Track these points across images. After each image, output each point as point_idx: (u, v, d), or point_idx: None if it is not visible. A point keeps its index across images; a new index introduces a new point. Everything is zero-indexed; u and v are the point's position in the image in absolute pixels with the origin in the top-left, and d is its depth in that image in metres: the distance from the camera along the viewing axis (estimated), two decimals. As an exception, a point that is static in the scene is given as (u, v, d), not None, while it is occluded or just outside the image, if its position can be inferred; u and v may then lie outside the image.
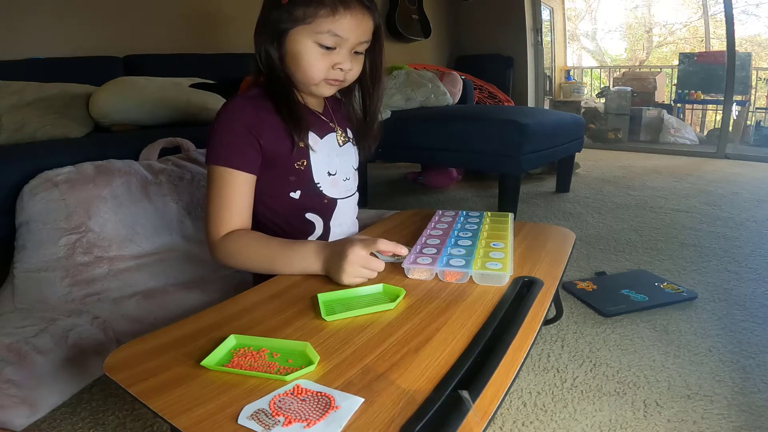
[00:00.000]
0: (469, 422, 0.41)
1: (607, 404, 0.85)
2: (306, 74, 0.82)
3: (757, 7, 4.95)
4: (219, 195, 0.80)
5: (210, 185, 0.81)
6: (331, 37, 0.78)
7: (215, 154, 0.80)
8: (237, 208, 0.81)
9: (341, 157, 0.92)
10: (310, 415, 0.42)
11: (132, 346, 0.54)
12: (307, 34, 0.78)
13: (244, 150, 0.81)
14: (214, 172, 0.81)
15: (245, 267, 0.81)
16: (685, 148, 4.03)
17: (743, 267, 1.46)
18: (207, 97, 1.86)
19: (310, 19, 0.77)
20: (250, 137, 0.80)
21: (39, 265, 1.12)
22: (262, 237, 0.81)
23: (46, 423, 0.81)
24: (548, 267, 0.75)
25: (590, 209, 2.13)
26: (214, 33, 2.63)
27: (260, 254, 0.79)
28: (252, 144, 0.81)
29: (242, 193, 0.81)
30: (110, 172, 1.25)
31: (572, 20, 6.61)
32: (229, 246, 0.79)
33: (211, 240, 0.81)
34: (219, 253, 0.80)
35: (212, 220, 0.81)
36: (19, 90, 1.61)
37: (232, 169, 0.80)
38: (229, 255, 0.80)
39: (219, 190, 0.80)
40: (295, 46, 0.80)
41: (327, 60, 0.80)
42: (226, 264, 0.81)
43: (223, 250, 0.80)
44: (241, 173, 0.80)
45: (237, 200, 0.81)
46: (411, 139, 2.14)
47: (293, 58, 0.81)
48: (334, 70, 0.81)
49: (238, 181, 0.80)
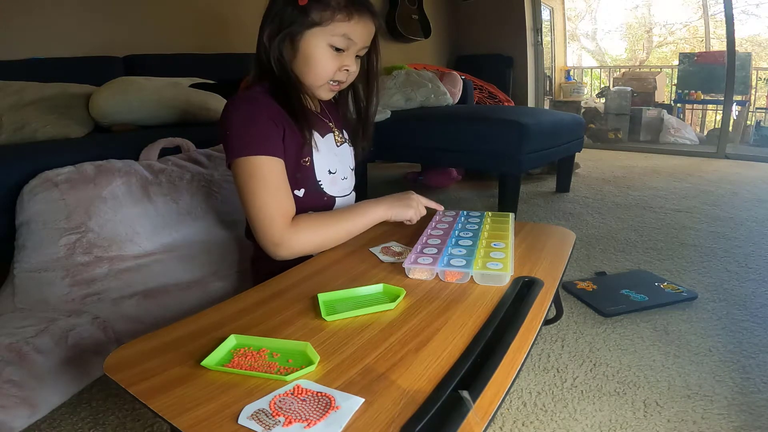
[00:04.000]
0: (470, 422, 0.41)
1: (607, 404, 0.85)
2: (315, 74, 0.83)
3: (757, 7, 4.96)
4: (266, 186, 0.77)
5: (250, 180, 0.77)
6: (344, 40, 0.81)
7: (244, 146, 0.77)
8: (288, 194, 0.80)
9: (339, 157, 0.94)
10: (311, 415, 0.42)
11: (132, 346, 0.54)
12: (321, 36, 0.80)
13: (273, 138, 0.80)
14: (249, 164, 0.77)
15: (324, 244, 0.82)
16: (685, 148, 4.03)
17: (743, 267, 1.46)
18: (207, 97, 1.85)
19: (326, 22, 0.79)
20: (274, 126, 0.80)
21: (39, 265, 1.12)
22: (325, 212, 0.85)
23: (46, 423, 0.81)
24: (548, 267, 0.75)
25: (590, 209, 2.13)
26: (214, 33, 2.63)
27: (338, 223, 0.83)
28: (278, 133, 0.81)
29: (285, 178, 0.81)
30: (110, 172, 1.25)
31: (572, 20, 6.61)
32: (305, 228, 0.79)
33: (276, 233, 0.77)
34: (294, 241, 0.77)
35: (271, 213, 0.77)
36: (19, 90, 1.61)
37: (269, 156, 0.78)
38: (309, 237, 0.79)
39: (265, 181, 0.77)
40: (309, 47, 0.81)
41: (337, 61, 0.83)
42: (302, 251, 0.80)
43: (300, 235, 0.78)
44: (277, 159, 0.79)
45: (285, 186, 0.80)
46: (411, 139, 2.14)
47: (305, 58, 0.82)
48: (340, 72, 0.84)
49: (278, 166, 0.79)
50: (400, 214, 0.89)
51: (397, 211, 0.89)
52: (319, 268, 0.76)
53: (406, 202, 0.90)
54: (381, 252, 0.80)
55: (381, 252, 0.80)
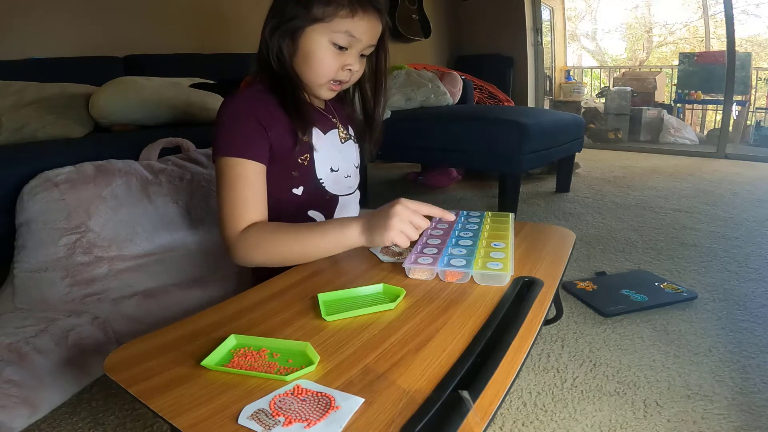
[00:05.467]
0: (470, 423, 0.41)
1: (607, 404, 0.85)
2: (316, 73, 0.82)
3: (757, 7, 4.96)
4: (233, 188, 0.76)
5: (222, 179, 0.77)
6: (347, 37, 0.79)
7: (225, 145, 0.77)
8: (254, 200, 0.78)
9: (343, 154, 0.93)
10: (311, 415, 0.42)
11: (132, 346, 0.54)
12: (323, 33, 0.79)
13: (256, 141, 0.79)
14: (226, 164, 0.77)
15: (271, 259, 0.75)
16: (685, 148, 4.03)
17: (743, 267, 1.46)
18: (207, 97, 1.85)
19: (329, 18, 0.77)
20: (260, 129, 0.79)
21: (39, 265, 1.12)
22: (287, 224, 0.76)
23: (46, 423, 0.81)
24: (548, 267, 0.75)
25: (590, 209, 2.13)
26: (214, 33, 2.63)
27: (290, 239, 0.73)
28: (263, 136, 0.79)
29: (258, 183, 0.79)
30: (110, 172, 1.25)
31: (572, 20, 6.62)
32: (250, 239, 0.74)
33: (229, 236, 0.76)
34: (240, 249, 0.75)
35: (228, 215, 0.76)
36: (19, 90, 1.61)
37: (246, 159, 0.77)
38: (251, 248, 0.74)
39: (233, 183, 0.76)
40: (310, 43, 0.80)
41: (339, 60, 0.81)
42: (249, 260, 0.76)
43: (245, 244, 0.74)
44: (254, 163, 0.78)
45: (254, 192, 0.78)
46: (411, 139, 2.14)
47: (305, 55, 0.81)
48: (342, 71, 0.82)
49: (252, 171, 0.78)
50: (375, 239, 0.71)
51: (372, 236, 0.71)
52: (319, 268, 0.76)
53: (384, 221, 0.69)
54: (381, 252, 0.80)
55: (381, 252, 0.80)
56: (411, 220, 0.70)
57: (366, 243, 0.73)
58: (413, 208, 0.70)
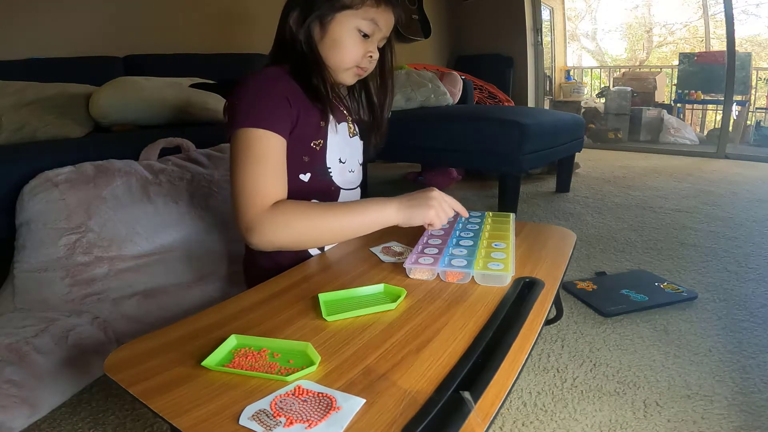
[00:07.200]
0: (471, 423, 0.41)
1: (607, 404, 0.85)
2: (342, 58, 0.83)
3: (757, 7, 4.96)
4: (259, 161, 0.71)
5: (244, 153, 0.71)
6: (372, 25, 0.82)
7: (249, 117, 0.73)
8: (279, 175, 0.73)
9: (351, 148, 0.93)
10: (312, 415, 0.42)
11: (132, 346, 0.54)
12: (352, 19, 0.81)
13: (281, 115, 0.76)
14: (249, 137, 0.72)
15: (299, 240, 0.72)
16: (685, 148, 4.03)
17: (743, 267, 1.46)
18: (207, 97, 1.85)
19: (358, 6, 0.80)
20: (286, 104, 0.77)
21: (39, 265, 1.11)
22: (317, 203, 0.75)
23: (47, 423, 0.81)
24: (549, 267, 0.75)
25: (590, 209, 2.13)
26: (214, 33, 2.63)
27: (328, 217, 0.71)
28: (288, 112, 0.77)
29: (282, 158, 0.74)
30: (110, 172, 1.25)
31: (572, 20, 6.62)
32: (279, 216, 0.69)
33: (253, 215, 0.70)
34: (265, 229, 0.69)
35: (252, 192, 0.70)
36: (19, 90, 1.61)
37: (271, 132, 0.73)
38: (280, 227, 0.69)
39: (258, 157, 0.71)
40: (339, 29, 0.82)
41: (363, 47, 0.83)
42: (273, 241, 0.71)
43: (272, 223, 0.69)
44: (279, 138, 0.74)
45: (278, 166, 0.73)
46: (411, 139, 2.14)
47: (334, 40, 0.82)
48: (365, 59, 0.85)
49: (278, 145, 0.74)
50: (415, 216, 0.75)
51: (411, 213, 0.75)
52: (319, 268, 0.76)
53: (425, 201, 0.76)
54: (382, 252, 0.80)
55: (382, 252, 0.80)
56: (450, 203, 0.79)
57: (403, 220, 0.77)
58: (449, 201, 0.80)
